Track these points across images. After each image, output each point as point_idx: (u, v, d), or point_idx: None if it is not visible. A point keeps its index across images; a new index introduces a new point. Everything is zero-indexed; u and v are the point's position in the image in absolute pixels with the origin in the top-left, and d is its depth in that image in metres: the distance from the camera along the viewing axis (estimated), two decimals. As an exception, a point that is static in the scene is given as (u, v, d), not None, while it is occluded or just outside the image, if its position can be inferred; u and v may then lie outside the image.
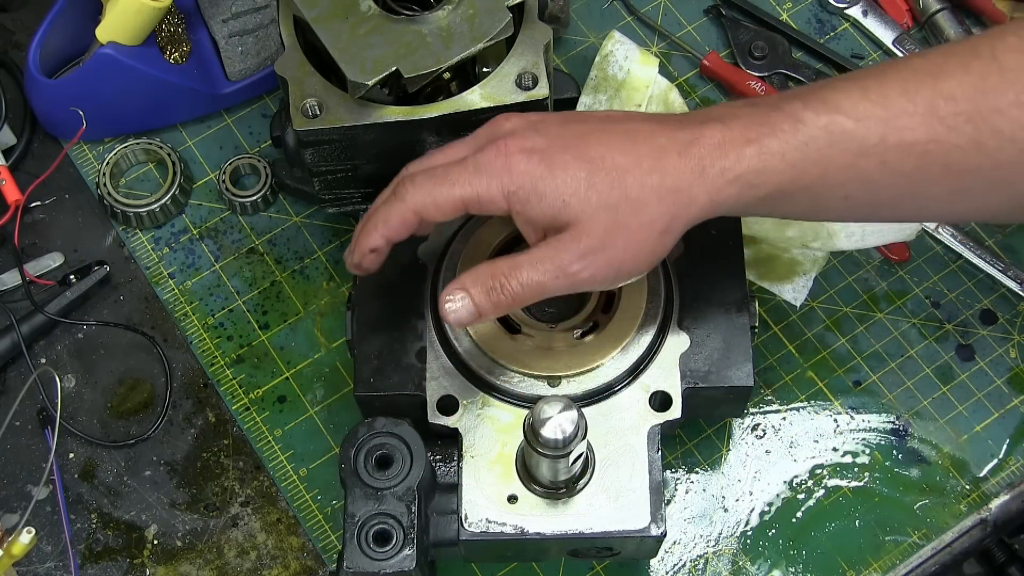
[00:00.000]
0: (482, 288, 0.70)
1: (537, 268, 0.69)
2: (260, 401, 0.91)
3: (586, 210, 0.69)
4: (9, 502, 0.88)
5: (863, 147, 0.68)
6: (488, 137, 0.72)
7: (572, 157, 0.69)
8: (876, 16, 1.02)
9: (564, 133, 0.70)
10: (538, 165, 0.69)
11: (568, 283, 0.70)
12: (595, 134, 0.70)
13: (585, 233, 0.69)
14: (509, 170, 0.69)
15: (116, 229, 0.97)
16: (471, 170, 0.70)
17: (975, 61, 0.68)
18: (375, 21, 0.81)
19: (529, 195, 0.69)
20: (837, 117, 0.68)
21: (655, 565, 0.86)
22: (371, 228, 0.73)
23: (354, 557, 0.73)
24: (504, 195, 0.70)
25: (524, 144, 0.70)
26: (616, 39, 0.97)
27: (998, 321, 0.92)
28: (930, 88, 0.68)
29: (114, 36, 0.91)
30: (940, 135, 0.68)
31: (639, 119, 0.71)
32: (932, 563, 0.86)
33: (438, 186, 0.70)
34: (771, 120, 0.69)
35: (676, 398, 0.78)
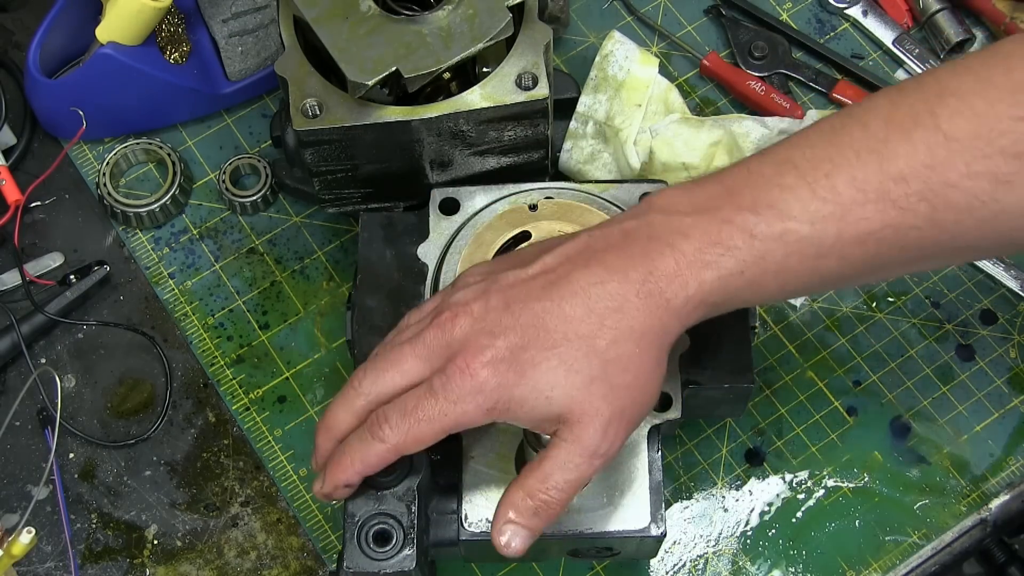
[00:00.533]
0: (526, 512, 0.67)
1: (569, 469, 0.67)
2: (260, 401, 0.91)
3: (576, 394, 0.66)
4: (9, 502, 0.88)
5: (820, 250, 0.66)
6: (442, 348, 0.68)
7: (537, 352, 0.66)
8: (876, 16, 1.02)
9: (516, 324, 0.67)
10: (507, 374, 0.66)
11: (603, 463, 0.68)
12: (547, 313, 0.66)
13: (591, 413, 0.66)
14: (480, 390, 0.66)
15: (116, 229, 0.97)
16: (443, 401, 0.67)
17: (917, 130, 0.64)
18: (375, 21, 0.81)
19: (509, 405, 0.67)
20: (790, 225, 0.65)
21: (655, 565, 0.86)
22: (347, 464, 0.70)
23: (354, 557, 0.73)
24: (484, 413, 0.67)
25: (483, 356, 0.66)
26: (616, 39, 0.97)
27: (998, 321, 0.92)
28: (878, 171, 0.64)
29: (114, 36, 0.91)
30: (895, 219, 0.65)
31: (581, 270, 0.67)
32: (932, 563, 0.86)
33: (416, 424, 0.67)
34: (723, 237, 0.66)
35: (676, 398, 0.78)
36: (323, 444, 0.72)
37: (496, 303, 0.68)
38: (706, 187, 0.68)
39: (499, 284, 0.69)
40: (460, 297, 0.69)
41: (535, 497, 0.67)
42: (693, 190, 0.69)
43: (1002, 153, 0.63)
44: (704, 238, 0.66)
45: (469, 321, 0.68)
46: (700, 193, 0.68)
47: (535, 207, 0.83)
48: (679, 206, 0.68)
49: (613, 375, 0.66)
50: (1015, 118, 0.63)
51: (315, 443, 0.72)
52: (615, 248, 0.68)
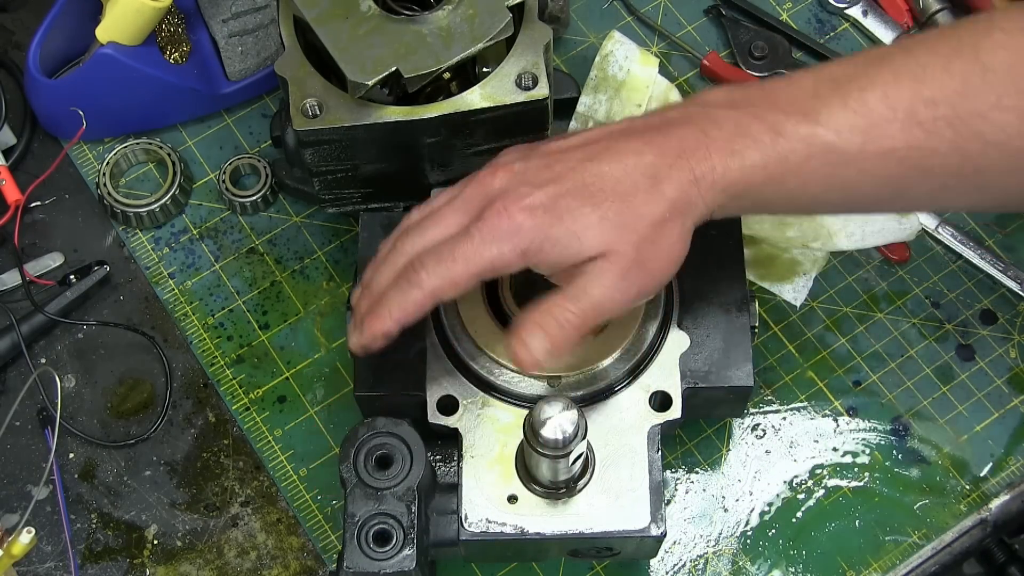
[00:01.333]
0: (549, 323, 0.70)
1: (591, 296, 0.69)
2: (260, 401, 0.91)
3: (606, 237, 0.68)
4: (9, 502, 0.88)
5: (843, 158, 0.68)
6: (481, 199, 0.71)
7: (573, 200, 0.69)
8: (876, 16, 1.02)
9: (555, 177, 0.70)
10: (544, 217, 0.69)
11: (621, 303, 0.70)
12: (585, 168, 0.70)
13: (617, 255, 0.69)
14: (517, 231, 0.69)
15: (116, 229, 0.97)
16: (479, 241, 0.69)
17: (957, 60, 0.67)
18: (375, 21, 0.81)
19: (543, 245, 0.69)
20: (817, 130, 0.68)
21: (655, 565, 0.86)
22: (384, 314, 0.71)
23: (354, 557, 0.73)
24: (518, 255, 0.69)
25: (522, 202, 0.69)
26: (616, 39, 0.97)
27: (998, 321, 0.92)
28: (911, 92, 0.67)
29: (114, 36, 0.91)
30: (920, 141, 0.67)
31: (620, 137, 0.71)
32: (932, 563, 0.86)
33: (452, 267, 0.69)
34: (751, 131, 0.69)
35: (676, 398, 0.78)
36: (363, 304, 0.73)
37: (537, 163, 0.71)
38: (747, 89, 0.72)
39: (540, 151, 0.72)
40: (502, 160, 0.72)
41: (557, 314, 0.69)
42: (734, 90, 0.72)
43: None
44: (734, 129, 0.69)
45: (509, 175, 0.71)
46: (740, 93, 0.71)
47: (535, 207, 0.83)
48: (718, 101, 0.71)
49: (643, 231, 0.69)
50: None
51: (353, 306, 0.75)
52: (654, 129, 0.71)
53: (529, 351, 0.70)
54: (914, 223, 0.92)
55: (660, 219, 0.69)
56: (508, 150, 0.74)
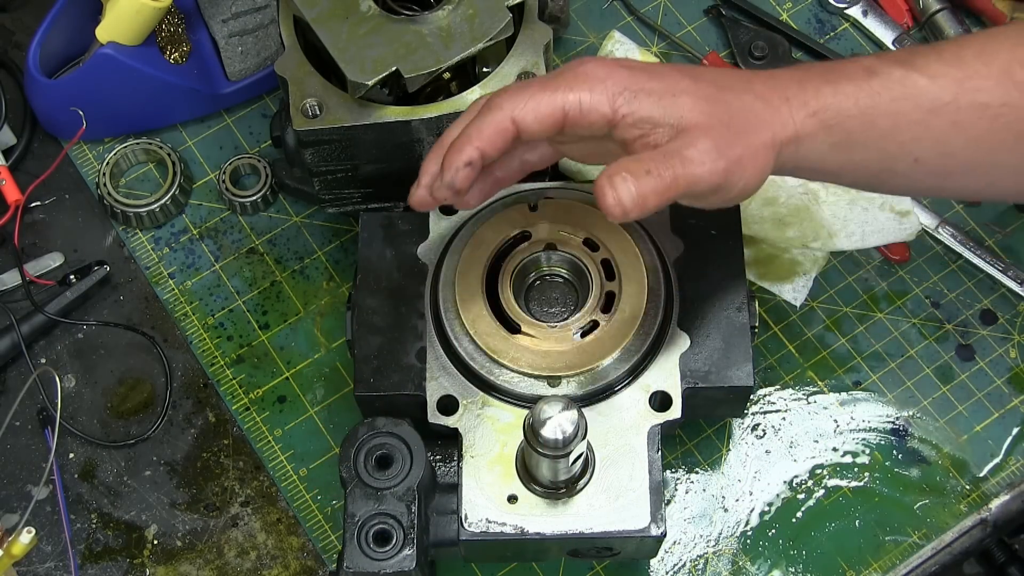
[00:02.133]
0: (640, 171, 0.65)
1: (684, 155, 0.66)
2: (260, 401, 0.91)
3: (702, 108, 0.67)
4: (9, 502, 0.88)
5: (935, 104, 0.68)
6: (570, 70, 0.69)
7: (671, 70, 0.69)
8: (876, 16, 1.02)
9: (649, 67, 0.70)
10: (641, 73, 0.68)
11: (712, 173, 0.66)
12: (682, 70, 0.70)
13: (711, 128, 0.67)
14: (612, 76, 0.67)
15: (116, 229, 0.97)
16: (570, 79, 0.67)
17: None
18: (375, 21, 0.81)
19: (638, 93, 0.67)
20: (911, 72, 0.69)
21: (655, 565, 0.86)
22: (463, 142, 0.68)
23: (354, 557, 0.73)
24: (609, 99, 0.67)
25: (617, 62, 0.68)
26: (616, 39, 0.97)
27: (998, 321, 0.92)
28: (1007, 52, 0.68)
29: (114, 36, 0.91)
30: (1014, 100, 0.67)
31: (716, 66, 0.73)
32: (932, 563, 0.86)
33: (538, 93, 0.67)
34: (846, 69, 0.70)
35: (676, 398, 0.78)
36: (434, 160, 0.70)
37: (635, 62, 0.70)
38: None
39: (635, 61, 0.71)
40: None
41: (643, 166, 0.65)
42: None
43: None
44: (831, 67, 0.71)
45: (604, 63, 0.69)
46: None
47: (535, 207, 0.83)
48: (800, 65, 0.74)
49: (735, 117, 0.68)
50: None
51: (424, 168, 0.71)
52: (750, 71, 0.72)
53: (617, 194, 0.64)
54: (914, 223, 0.92)
55: (753, 114, 0.68)
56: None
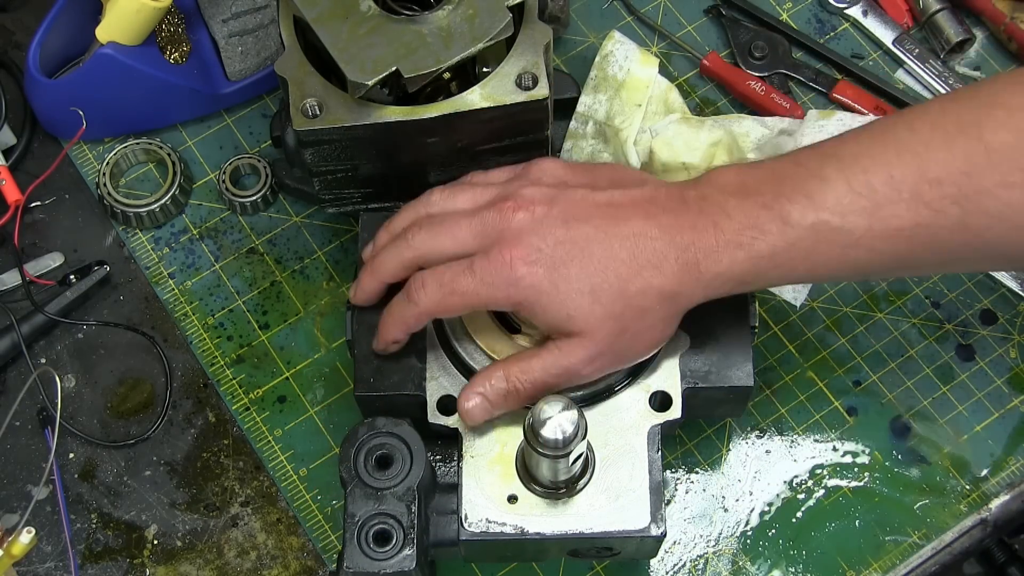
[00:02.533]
0: (495, 391, 0.75)
1: (549, 372, 0.74)
2: (260, 401, 0.91)
3: (591, 322, 0.72)
4: (9, 502, 0.88)
5: (850, 240, 0.69)
6: (496, 232, 0.74)
7: (575, 270, 0.72)
8: (876, 16, 1.02)
9: (567, 239, 0.72)
10: (542, 279, 0.72)
11: (576, 382, 0.76)
12: (597, 243, 0.72)
13: (592, 341, 0.73)
14: (515, 283, 0.72)
15: (116, 229, 0.97)
16: (478, 282, 0.73)
17: (960, 139, 0.67)
18: (375, 21, 0.81)
19: (534, 307, 0.73)
20: (823, 215, 0.69)
21: (655, 565, 0.86)
22: (391, 324, 0.77)
23: (354, 557, 0.73)
24: (511, 304, 0.73)
25: (529, 257, 0.72)
26: (616, 39, 0.97)
27: (998, 321, 0.92)
28: (915, 172, 0.68)
29: (114, 36, 0.91)
30: (926, 219, 0.68)
31: (640, 218, 0.72)
32: (932, 563, 0.86)
33: (449, 297, 0.74)
34: (760, 223, 0.70)
35: (676, 398, 0.78)
36: (368, 283, 0.79)
37: (558, 213, 0.73)
38: (757, 172, 0.73)
39: (567, 197, 0.74)
40: (528, 194, 0.75)
41: (511, 382, 0.75)
42: (745, 172, 0.73)
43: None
44: (744, 220, 0.71)
45: (528, 219, 0.73)
46: (751, 176, 0.73)
47: (535, 207, 0.83)
48: (730, 185, 0.73)
49: (628, 319, 0.72)
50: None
51: (359, 282, 0.80)
52: (672, 212, 0.73)
53: (470, 416, 0.76)
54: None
55: (651, 309, 0.72)
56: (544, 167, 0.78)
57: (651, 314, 0.73)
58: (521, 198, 0.74)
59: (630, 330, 0.73)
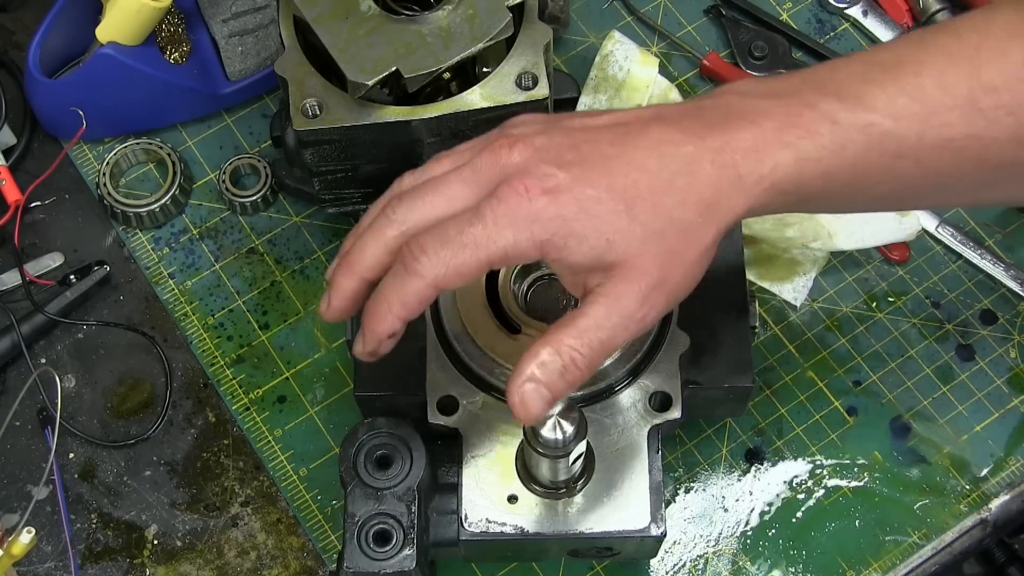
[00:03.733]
0: (551, 372, 0.62)
1: (604, 328, 0.62)
2: (260, 401, 0.91)
3: (634, 245, 0.61)
4: (9, 502, 0.88)
5: (900, 148, 0.63)
6: (495, 172, 0.63)
7: (603, 191, 0.61)
8: (876, 16, 1.02)
9: (583, 161, 0.62)
10: (568, 205, 0.61)
11: (636, 331, 0.63)
12: (616, 158, 0.62)
13: (640, 271, 0.62)
14: (537, 217, 0.60)
15: (116, 229, 0.97)
16: (492, 224, 0.61)
17: (1012, 44, 0.63)
18: (375, 21, 0.81)
19: (567, 240, 0.61)
20: (874, 117, 0.63)
21: (655, 565, 0.86)
22: (383, 311, 0.63)
23: (354, 557, 0.73)
24: (537, 246, 0.61)
25: (545, 184, 0.61)
26: (616, 39, 0.97)
27: (998, 321, 0.92)
28: (968, 78, 0.63)
29: (114, 36, 0.91)
30: (980, 130, 0.63)
31: (656, 126, 0.63)
32: (932, 563, 0.86)
33: (459, 253, 0.61)
34: (805, 121, 0.63)
35: (676, 398, 0.78)
36: (344, 282, 0.65)
37: (561, 139, 0.63)
38: (785, 79, 0.66)
39: (564, 125, 0.64)
40: (519, 131, 0.64)
41: (564, 354, 0.61)
42: (770, 80, 0.66)
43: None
44: (786, 119, 0.63)
45: (530, 151, 0.62)
46: (778, 83, 0.65)
47: (535, 207, 0.83)
48: (757, 91, 0.65)
49: (672, 238, 0.62)
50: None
51: (332, 282, 0.65)
52: (691, 116, 0.64)
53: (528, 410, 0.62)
54: (914, 223, 0.92)
55: (692, 224, 0.63)
56: (523, 117, 0.67)
57: (694, 230, 0.62)
58: (512, 135, 0.64)
59: (676, 251, 0.62)
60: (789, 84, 0.65)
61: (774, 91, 0.65)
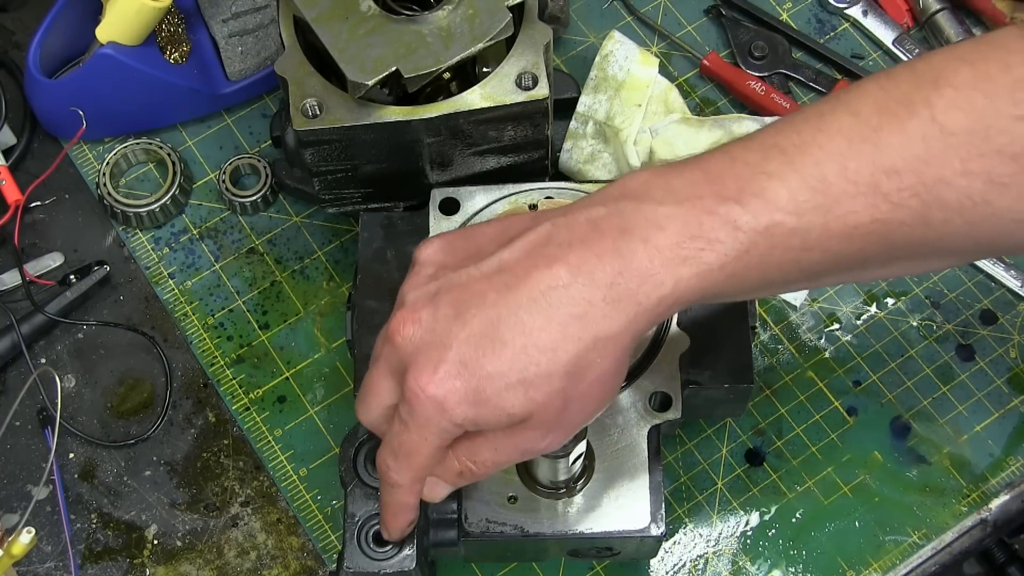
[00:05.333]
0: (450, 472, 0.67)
1: (501, 454, 0.66)
2: (260, 401, 0.91)
3: (533, 408, 0.62)
4: (9, 502, 0.88)
5: (806, 242, 0.61)
6: (397, 362, 0.65)
7: (493, 366, 0.61)
8: (876, 16, 1.02)
9: (468, 334, 0.62)
10: (463, 392, 0.62)
11: (536, 455, 0.69)
12: (502, 321, 0.62)
13: (541, 423, 0.63)
14: (442, 408, 0.63)
15: (116, 229, 0.97)
16: (414, 429, 0.64)
17: (913, 122, 0.60)
18: (375, 21, 0.81)
19: (475, 420, 0.63)
20: (777, 216, 0.61)
21: (655, 565, 0.86)
22: (393, 515, 0.71)
23: (354, 557, 0.73)
24: (457, 427, 0.64)
25: (436, 374, 0.62)
26: (616, 39, 0.97)
27: (998, 321, 0.92)
28: (870, 162, 0.60)
29: (114, 36, 0.91)
30: (885, 214, 0.61)
31: (543, 269, 0.62)
32: (932, 563, 0.86)
33: (411, 459, 0.66)
34: (705, 230, 0.61)
35: (676, 398, 0.78)
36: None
37: (446, 309, 0.63)
38: (684, 173, 0.63)
39: (451, 284, 0.64)
40: (410, 300, 0.65)
41: (462, 463, 0.66)
42: (669, 175, 0.63)
43: (999, 153, 0.60)
44: (683, 231, 0.61)
45: (419, 331, 0.64)
46: (677, 179, 0.63)
47: (535, 207, 0.83)
48: (654, 193, 0.62)
49: (571, 388, 0.63)
50: (1014, 117, 0.60)
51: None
52: (581, 242, 0.62)
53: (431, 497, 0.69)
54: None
55: (592, 365, 0.62)
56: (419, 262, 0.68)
57: (593, 369, 0.62)
58: (403, 312, 0.64)
59: (577, 396, 0.63)
60: (688, 181, 0.63)
61: (673, 192, 0.62)
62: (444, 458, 0.67)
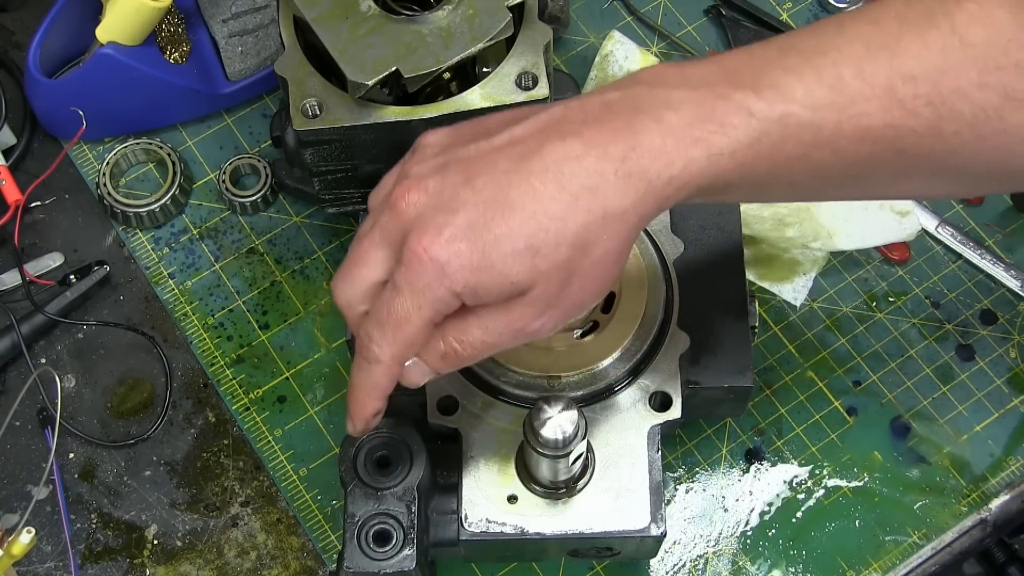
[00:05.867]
0: (433, 354, 0.65)
1: (492, 334, 0.64)
2: (260, 401, 0.91)
3: (537, 277, 0.62)
4: (9, 502, 0.88)
5: (817, 138, 0.62)
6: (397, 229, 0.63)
7: (502, 229, 0.61)
8: (876, 16, 1.02)
9: (477, 199, 0.61)
10: (469, 254, 0.61)
11: (526, 338, 0.65)
12: (514, 186, 0.61)
13: (541, 297, 0.62)
14: (443, 273, 0.61)
15: (116, 229, 0.97)
16: (408, 294, 0.62)
17: (933, 32, 0.61)
18: (375, 21, 0.81)
19: (476, 289, 0.62)
20: (791, 107, 0.61)
21: (655, 565, 0.86)
22: (362, 398, 0.67)
23: (354, 557, 0.73)
24: (455, 296, 0.62)
25: (443, 235, 0.61)
26: (616, 39, 0.97)
27: (998, 321, 0.92)
28: (887, 67, 0.61)
29: (114, 36, 0.91)
30: (897, 120, 0.61)
31: (555, 141, 0.61)
32: (932, 563, 0.86)
33: (398, 330, 0.63)
34: (718, 114, 0.61)
35: (676, 398, 0.78)
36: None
37: (455, 177, 0.62)
38: (700, 65, 0.63)
39: (459, 156, 0.63)
40: (415, 172, 0.64)
41: (447, 343, 0.65)
42: (685, 67, 0.63)
43: (1017, 67, 0.61)
44: (696, 113, 0.61)
45: (424, 197, 0.62)
46: (693, 70, 0.63)
47: (535, 207, 0.83)
48: (669, 80, 0.62)
49: (576, 261, 0.62)
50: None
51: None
52: (594, 120, 0.62)
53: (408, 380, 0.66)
54: (914, 223, 0.92)
55: (599, 241, 0.62)
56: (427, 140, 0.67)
57: (600, 246, 0.61)
58: (407, 181, 0.63)
59: (579, 272, 0.62)
60: (704, 71, 0.63)
61: (687, 80, 0.62)
62: (430, 338, 0.64)
